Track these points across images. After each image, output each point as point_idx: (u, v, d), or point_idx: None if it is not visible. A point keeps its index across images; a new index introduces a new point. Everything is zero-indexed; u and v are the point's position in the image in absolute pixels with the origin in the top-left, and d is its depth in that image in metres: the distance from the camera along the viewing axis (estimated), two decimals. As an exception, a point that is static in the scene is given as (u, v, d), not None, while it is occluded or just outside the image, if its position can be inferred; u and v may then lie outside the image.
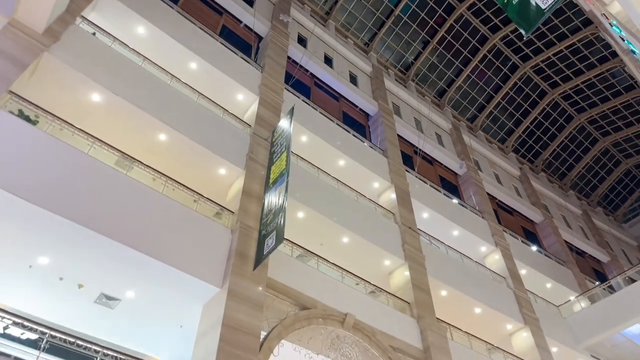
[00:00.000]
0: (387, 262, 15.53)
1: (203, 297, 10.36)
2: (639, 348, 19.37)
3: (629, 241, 34.98)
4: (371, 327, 12.41)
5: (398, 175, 18.83)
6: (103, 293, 10.23)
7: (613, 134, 33.74)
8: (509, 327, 18.10)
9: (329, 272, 13.22)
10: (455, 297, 16.71)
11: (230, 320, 9.38)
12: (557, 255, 25.49)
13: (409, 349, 12.93)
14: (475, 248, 20.64)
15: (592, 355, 19.98)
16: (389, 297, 14.31)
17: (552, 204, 30.62)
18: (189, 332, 11.23)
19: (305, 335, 11.12)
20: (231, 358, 8.89)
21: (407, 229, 16.65)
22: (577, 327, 20.20)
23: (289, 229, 12.37)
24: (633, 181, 36.94)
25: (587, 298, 21.80)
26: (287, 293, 11.27)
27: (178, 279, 9.97)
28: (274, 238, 10.27)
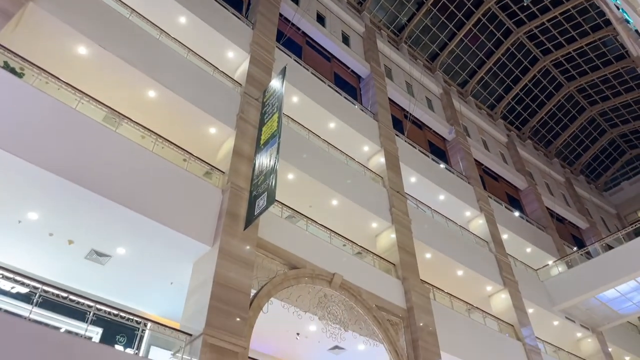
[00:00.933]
0: (374, 224, 15.78)
1: (193, 256, 10.48)
2: (612, 312, 20.32)
3: (608, 209, 35.95)
4: (357, 287, 12.75)
5: (388, 140, 18.85)
6: (93, 249, 10.26)
7: (600, 103, 33.98)
8: (489, 289, 18.74)
9: (317, 233, 13.40)
10: (439, 260, 17.16)
11: (221, 278, 9.54)
12: (539, 222, 26.14)
13: (393, 309, 13.36)
14: (461, 213, 21.03)
15: (566, 316, 20.88)
16: (375, 258, 14.64)
17: (537, 171, 31.12)
18: (179, 289, 11.41)
19: (294, 294, 11.39)
20: (222, 314, 9.11)
21: (395, 192, 16.84)
22: (553, 291, 21.07)
23: (279, 190, 12.41)
24: (616, 150, 37.58)
25: (565, 263, 22.62)
26: (276, 253, 11.45)
27: (169, 237, 10.04)
28: (265, 199, 10.32)
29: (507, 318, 17.90)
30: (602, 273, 19.99)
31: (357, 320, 12.41)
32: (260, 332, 10.75)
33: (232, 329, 9.08)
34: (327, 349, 13.98)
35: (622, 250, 20.17)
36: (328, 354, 14.22)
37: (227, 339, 8.84)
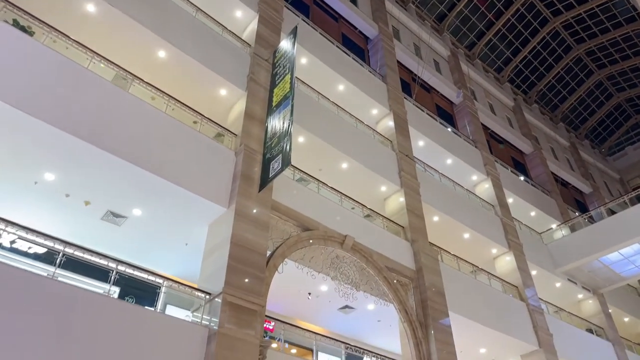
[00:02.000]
0: (383, 188, 15.83)
1: (209, 217, 10.55)
2: (615, 274, 20.67)
3: (611, 174, 36.02)
4: (368, 248, 12.91)
5: (397, 103, 18.66)
6: (110, 210, 10.32)
7: (609, 67, 33.47)
8: (494, 251, 18.99)
9: (328, 196, 13.44)
10: (447, 223, 17.31)
11: (239, 239, 9.64)
12: (543, 186, 26.24)
13: (403, 270, 13.58)
14: (467, 177, 21.07)
15: (568, 278, 21.25)
16: (384, 221, 14.75)
17: (542, 136, 30.99)
18: (194, 251, 11.55)
19: (307, 255, 11.55)
20: (240, 274, 9.25)
21: (404, 156, 16.81)
22: (556, 253, 21.37)
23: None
24: (622, 115, 37.31)
25: (568, 227, 22.85)
26: (290, 215, 11.53)
27: (184, 199, 10.07)
28: (280, 162, 10.30)
29: (511, 279, 18.23)
30: (607, 236, 20.22)
31: (368, 280, 12.63)
32: (271, 292, 10.95)
33: (250, 288, 9.25)
34: (337, 309, 14.32)
35: (627, 214, 20.33)
36: (338, 313, 14.57)
37: (246, 297, 9.02)
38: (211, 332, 8.52)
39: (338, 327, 15.00)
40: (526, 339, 16.23)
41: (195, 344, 8.31)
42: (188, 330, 8.42)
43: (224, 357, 8.16)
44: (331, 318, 14.74)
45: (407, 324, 12.59)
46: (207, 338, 8.47)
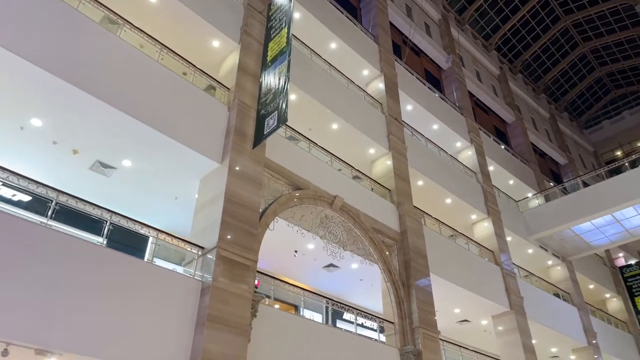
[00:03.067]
0: (372, 150, 15.86)
1: (201, 171, 10.41)
2: (585, 243, 21.59)
3: (586, 147, 36.97)
4: (356, 209, 13.05)
5: (388, 65, 18.44)
6: (98, 160, 10.06)
7: (594, 40, 33.71)
8: (474, 217, 19.49)
9: (319, 156, 13.39)
10: (430, 187, 17.57)
11: (232, 195, 9.58)
12: (522, 155, 26.78)
13: (388, 231, 13.83)
14: (452, 143, 21.28)
15: (540, 245, 22.08)
16: (372, 183, 14.87)
17: (524, 106, 31.36)
18: (184, 205, 11.48)
19: (297, 214, 11.60)
20: (233, 229, 9.25)
21: (393, 119, 16.79)
22: (531, 221, 22.09)
23: (284, 110, 12.18)
24: (602, 89, 37.96)
25: (544, 196, 23.53)
26: (281, 173, 11.48)
27: (176, 151, 9.87)
28: (276, 119, 10.14)
29: (488, 244, 18.83)
30: (580, 207, 20.97)
31: (355, 240, 12.83)
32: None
33: (243, 243, 9.28)
34: (321, 267, 14.60)
35: (601, 186, 21.05)
36: (321, 271, 14.87)
37: (239, 252, 9.06)
38: (204, 285, 8.57)
39: (320, 285, 15.33)
40: (498, 301, 16.95)
41: (188, 296, 8.37)
42: (182, 282, 8.45)
43: (218, 310, 8.25)
44: (314, 276, 15.04)
45: (391, 284, 12.94)
46: (201, 291, 8.53)
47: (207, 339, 7.88)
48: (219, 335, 8.07)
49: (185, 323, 8.12)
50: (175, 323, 8.01)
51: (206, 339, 7.88)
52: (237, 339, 8.28)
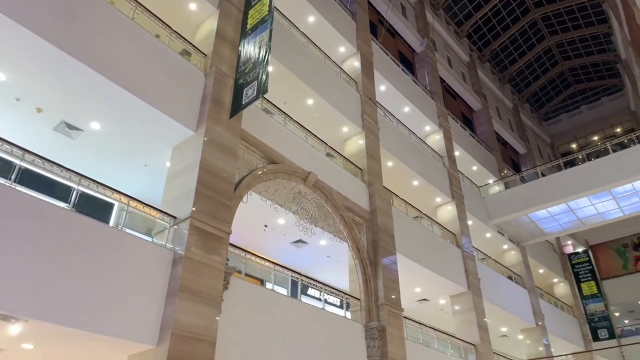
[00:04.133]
0: (345, 129, 15.81)
1: (174, 139, 10.05)
2: (539, 230, 22.57)
3: (544, 138, 38.38)
4: (329, 187, 13.04)
5: (364, 43, 18.31)
6: (64, 121, 9.52)
7: (560, 34, 34.69)
8: (438, 200, 19.94)
9: (294, 131, 13.22)
10: (399, 169, 17.78)
11: (207, 165, 9.32)
12: (486, 143, 27.51)
13: (359, 210, 13.93)
14: (421, 126, 21.54)
15: (498, 230, 22.92)
16: (344, 162, 14.86)
17: (490, 95, 32.08)
18: (153, 173, 11.12)
19: (271, 188, 11.46)
20: (207, 200, 9.03)
21: (368, 99, 16.76)
22: (491, 207, 22.84)
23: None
24: (563, 83, 39.30)
25: (504, 183, 24.34)
26: (257, 146, 11.26)
27: (149, 116, 9.46)
28: (255, 89, 9.87)
29: (450, 227, 19.36)
30: (537, 195, 21.84)
31: (326, 218, 12.85)
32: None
33: (217, 214, 9.08)
34: (290, 242, 14.59)
35: (557, 177, 21.99)
36: (289, 247, 14.87)
37: (213, 223, 8.87)
38: (176, 256, 8.36)
39: (286, 260, 15.30)
40: (458, 282, 17.54)
41: (160, 266, 8.15)
42: (153, 252, 8.21)
43: (190, 281, 8.09)
44: (282, 251, 15.02)
45: (359, 261, 13.10)
46: (172, 261, 8.32)
47: (178, 310, 7.73)
48: (191, 306, 7.93)
49: (156, 293, 7.92)
50: (146, 293, 7.79)
51: (177, 310, 7.72)
52: (208, 310, 8.17)
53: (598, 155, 21.98)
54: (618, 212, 21.99)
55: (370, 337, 12.06)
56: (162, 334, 7.63)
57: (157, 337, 7.62)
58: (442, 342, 15.91)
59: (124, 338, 7.31)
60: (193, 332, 7.79)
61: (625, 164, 19.86)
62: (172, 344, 7.46)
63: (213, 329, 8.15)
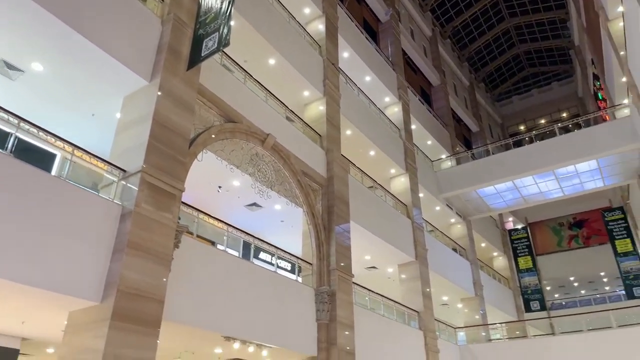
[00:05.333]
0: (306, 93, 15.50)
1: (125, 88, 9.41)
2: (485, 205, 23.45)
3: (496, 118, 39.57)
4: (287, 150, 12.80)
5: (330, 6, 17.81)
6: (3, 60, 8.65)
7: (519, 17, 35.39)
8: (393, 171, 20.19)
9: (254, 90, 12.78)
10: (358, 138, 17.76)
11: (161, 118, 8.83)
12: (442, 118, 27.99)
13: (316, 176, 13.82)
14: (381, 97, 21.53)
15: (447, 204, 23.61)
16: (304, 127, 14.62)
17: (449, 71, 32.49)
18: (100, 123, 10.45)
19: (227, 147, 11.09)
20: (160, 155, 8.59)
21: (331, 64, 16.46)
22: (442, 181, 23.44)
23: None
24: (517, 66, 40.38)
25: (455, 159, 24.98)
26: (215, 102, 10.80)
27: (99, 61, 8.76)
28: (216, 41, 9.35)
29: (403, 199, 19.72)
30: (486, 172, 22.61)
31: (283, 182, 12.67)
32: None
33: (170, 170, 8.68)
34: (244, 205, 14.33)
35: (505, 155, 22.82)
36: (243, 209, 14.62)
37: (166, 180, 8.47)
38: (125, 210, 7.95)
39: (240, 223, 15.03)
40: (406, 251, 18.02)
41: (107, 220, 7.72)
42: (100, 205, 7.75)
43: (139, 237, 7.74)
44: (235, 213, 14.75)
45: (313, 227, 13.09)
46: (120, 216, 7.91)
47: (125, 266, 7.39)
48: (139, 262, 7.61)
49: (101, 248, 7.52)
50: (90, 247, 7.38)
51: (124, 266, 7.38)
52: (157, 268, 7.88)
53: (544, 137, 22.89)
54: (559, 192, 23.19)
55: (320, 300, 12.19)
56: (107, 291, 7.30)
57: (102, 293, 7.29)
58: (387, 308, 16.41)
59: (63, 293, 6.92)
60: (140, 289, 7.51)
61: (569, 147, 20.84)
62: (118, 301, 7.15)
63: (162, 287, 7.89)
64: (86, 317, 7.29)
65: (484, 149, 26.41)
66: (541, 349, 18.30)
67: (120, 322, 7.10)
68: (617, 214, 25.69)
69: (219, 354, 11.66)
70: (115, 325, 7.03)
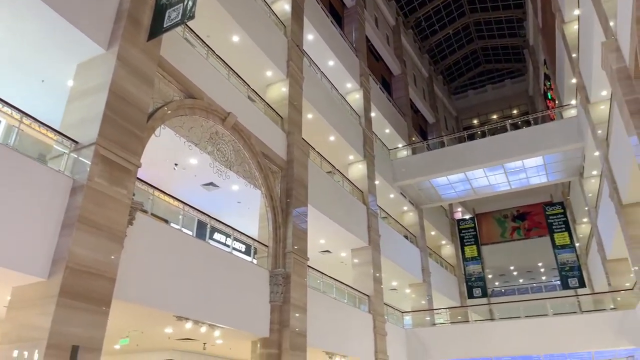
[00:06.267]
0: (269, 73, 15.26)
1: (80, 55, 8.89)
2: (437, 195, 24.17)
3: (451, 111, 40.64)
4: (248, 131, 12.61)
5: (297, -14, 17.53)
6: (-59, 14, 7.95)
7: (479, 13, 36.26)
8: (351, 157, 20.36)
9: (216, 66, 12.43)
10: (319, 122, 17.73)
11: (118, 89, 8.43)
12: (401, 108, 28.42)
13: (276, 158, 13.72)
14: (343, 83, 21.55)
15: (401, 192, 24.14)
16: (266, 107, 14.42)
17: (409, 62, 32.94)
18: (50, 91, 9.87)
19: (187, 124, 10.77)
20: (116, 127, 8.22)
21: (295, 46, 16.26)
22: (398, 170, 23.91)
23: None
24: (475, 61, 41.51)
25: (411, 149, 25.51)
26: (175, 76, 10.42)
27: (49, 22, 8.19)
28: (180, 13, 9.00)
29: (359, 185, 19.97)
30: (440, 163, 23.26)
31: (242, 162, 12.49)
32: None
33: (126, 144, 8.34)
34: (200, 184, 14.05)
35: (458, 148, 23.57)
36: (200, 189, 14.33)
37: (122, 154, 8.14)
38: (76, 184, 7.58)
39: (196, 202, 14.75)
40: (360, 236, 18.32)
41: (55, 193, 7.32)
42: (48, 177, 7.33)
43: (91, 212, 7.41)
44: (190, 192, 14.43)
45: (270, 209, 13.03)
46: (71, 190, 7.54)
47: (75, 242, 7.07)
48: (90, 239, 7.30)
49: (49, 222, 7.15)
50: (36, 221, 6.99)
51: (74, 242, 7.06)
52: (110, 245, 7.60)
53: (495, 132, 23.77)
54: (506, 186, 24.23)
55: (274, 282, 12.21)
56: (54, 267, 6.97)
57: (49, 269, 6.95)
58: (339, 291, 16.68)
59: (5, 267, 6.54)
60: (91, 266, 7.22)
61: (518, 143, 21.77)
62: (66, 278, 6.85)
63: (113, 264, 7.63)
64: (32, 293, 6.95)
65: (439, 140, 27.17)
66: (481, 333, 19.24)
67: (68, 299, 6.82)
68: (557, 208, 27.16)
69: (169, 334, 11.49)
70: (63, 302, 6.74)
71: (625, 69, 10.21)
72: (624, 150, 12.72)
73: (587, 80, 16.30)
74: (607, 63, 11.01)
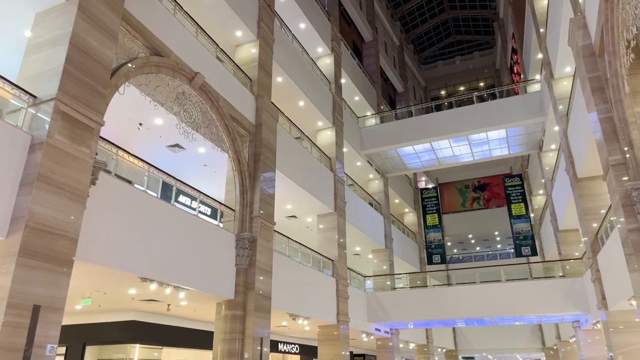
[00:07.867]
0: (239, 33, 14.82)
1: (38, 3, 8.35)
2: (403, 164, 24.59)
3: (420, 81, 40.84)
4: (217, 92, 12.32)
5: (270, -57, 16.87)
6: None
7: (452, -17, 36.10)
8: (320, 124, 20.30)
9: (184, 23, 11.96)
10: (288, 86, 17.50)
11: (80, 42, 8.00)
12: (371, 76, 28.34)
13: (244, 122, 13.52)
14: (314, 47, 21.23)
15: (368, 160, 24.39)
16: (235, 69, 14.07)
17: (381, 29, 32.65)
18: (7, 41, 9.28)
19: (152, 83, 10.40)
20: (77, 83, 7.85)
21: (266, 6, 15.79)
22: (366, 138, 24.08)
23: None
24: (445, 32, 41.57)
25: (379, 117, 25.64)
26: (141, 32, 9.98)
27: (5, -31, 7.68)
28: (146, -38, 8.53)
29: (327, 152, 20.02)
30: (407, 133, 23.53)
31: (210, 125, 12.24)
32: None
33: (88, 101, 8.00)
34: (165, 146, 13.74)
35: (425, 118, 23.87)
36: (165, 150, 14.02)
37: (83, 111, 7.81)
38: (35, 140, 7.26)
39: (160, 164, 14.45)
40: (327, 203, 18.51)
41: (12, 150, 7.00)
42: (3, 132, 6.99)
43: (51, 170, 7.15)
44: (155, 153, 14.10)
45: (237, 173, 12.93)
46: (30, 147, 7.23)
47: (35, 201, 6.84)
48: (50, 198, 7.07)
49: (6, 180, 6.86)
50: (-7, 179, 6.72)
51: (34, 201, 6.83)
52: (71, 205, 7.39)
53: (462, 104, 24.13)
54: (469, 157, 24.84)
55: (240, 246, 12.27)
56: (13, 226, 6.74)
57: (7, 228, 6.72)
58: (305, 256, 16.94)
59: (-38, 226, 6.31)
60: (52, 226, 7.03)
61: (483, 115, 22.23)
62: (26, 237, 6.65)
63: (76, 225, 7.44)
64: (-11, 252, 6.73)
65: (407, 110, 27.37)
66: (438, 298, 20.10)
67: (28, 258, 6.64)
68: (515, 180, 28.17)
69: (132, 295, 11.44)
70: (23, 262, 6.57)
71: (591, 46, 10.49)
72: (583, 126, 13.21)
73: (553, 56, 16.67)
74: (573, 39, 11.27)
